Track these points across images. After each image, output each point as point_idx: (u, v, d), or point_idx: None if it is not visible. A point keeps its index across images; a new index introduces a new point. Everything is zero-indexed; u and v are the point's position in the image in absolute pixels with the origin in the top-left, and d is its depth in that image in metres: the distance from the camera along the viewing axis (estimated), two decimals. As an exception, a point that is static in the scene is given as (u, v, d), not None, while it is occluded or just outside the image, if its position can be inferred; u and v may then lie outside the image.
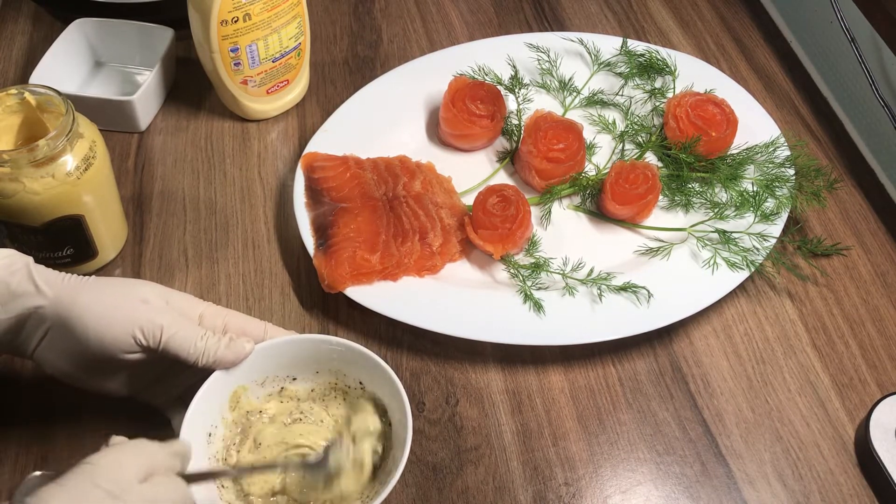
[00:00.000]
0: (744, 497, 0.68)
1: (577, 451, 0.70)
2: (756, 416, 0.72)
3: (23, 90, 0.71)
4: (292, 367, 0.67)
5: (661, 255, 0.80)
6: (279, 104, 0.93)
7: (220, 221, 0.84)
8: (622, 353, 0.76)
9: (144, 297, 0.62)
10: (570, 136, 0.85)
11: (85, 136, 0.71)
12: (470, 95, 0.87)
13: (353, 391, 0.67)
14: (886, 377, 0.75)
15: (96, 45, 0.95)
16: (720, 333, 0.77)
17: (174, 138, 0.91)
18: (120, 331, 0.60)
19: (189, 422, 0.61)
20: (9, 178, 0.68)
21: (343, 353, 0.66)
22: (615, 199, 0.81)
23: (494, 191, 0.80)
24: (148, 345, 0.60)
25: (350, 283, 0.76)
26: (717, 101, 0.87)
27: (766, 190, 0.82)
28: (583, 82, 0.94)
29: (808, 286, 0.81)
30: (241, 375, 0.65)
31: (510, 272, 0.79)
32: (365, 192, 0.82)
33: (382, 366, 0.64)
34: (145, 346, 0.60)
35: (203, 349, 0.61)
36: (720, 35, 1.05)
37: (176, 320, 0.61)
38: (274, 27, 0.86)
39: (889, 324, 0.78)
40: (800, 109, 0.96)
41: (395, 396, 0.63)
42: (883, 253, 0.84)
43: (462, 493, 0.67)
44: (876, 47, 0.92)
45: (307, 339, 0.66)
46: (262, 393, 0.67)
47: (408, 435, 0.61)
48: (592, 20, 1.06)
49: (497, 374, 0.74)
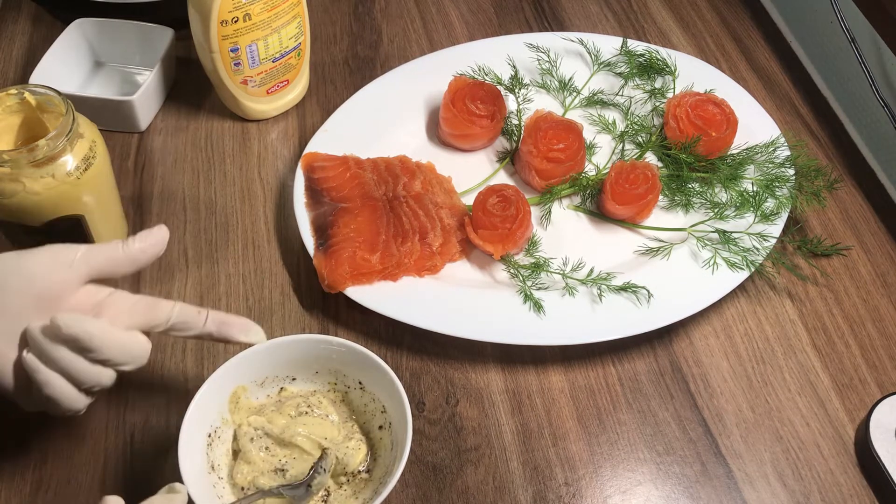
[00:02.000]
0: (744, 497, 0.68)
1: (577, 451, 0.70)
2: (756, 416, 0.72)
3: (23, 90, 0.70)
4: (292, 367, 0.67)
5: (661, 255, 0.80)
6: (279, 104, 0.93)
7: (220, 221, 0.84)
8: (622, 353, 0.76)
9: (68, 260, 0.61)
10: (570, 136, 0.85)
11: (85, 136, 0.71)
12: (470, 95, 0.87)
13: (352, 391, 0.67)
14: (886, 377, 0.75)
15: (96, 45, 0.95)
16: (720, 333, 0.77)
17: (174, 138, 0.91)
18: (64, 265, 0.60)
19: (188, 423, 0.61)
20: (9, 178, 0.67)
21: (343, 354, 0.66)
22: (615, 199, 0.81)
23: (494, 191, 0.80)
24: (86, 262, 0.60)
25: (350, 283, 0.76)
26: (717, 101, 0.87)
27: (766, 190, 0.82)
28: (583, 82, 0.94)
29: (808, 286, 0.81)
30: (240, 375, 0.65)
31: (510, 272, 0.79)
32: (365, 192, 0.82)
33: (382, 366, 0.64)
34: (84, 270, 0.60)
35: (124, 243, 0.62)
36: (720, 35, 1.05)
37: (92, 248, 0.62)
38: (274, 27, 0.86)
39: (889, 324, 0.78)
40: (800, 109, 0.96)
41: (395, 396, 0.63)
42: (883, 253, 0.84)
43: (462, 493, 0.67)
44: (876, 47, 0.92)
45: (307, 339, 0.66)
46: (262, 393, 0.67)
47: (408, 435, 0.61)
48: (592, 20, 1.06)
49: (497, 374, 0.74)
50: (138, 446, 0.69)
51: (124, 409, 0.71)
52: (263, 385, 0.67)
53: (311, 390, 0.68)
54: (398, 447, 0.62)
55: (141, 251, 0.63)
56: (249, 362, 0.65)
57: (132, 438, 0.69)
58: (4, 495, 0.66)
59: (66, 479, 0.67)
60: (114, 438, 0.69)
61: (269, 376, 0.67)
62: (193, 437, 0.62)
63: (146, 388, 0.72)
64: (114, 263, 0.62)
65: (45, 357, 0.57)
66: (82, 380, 0.58)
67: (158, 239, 0.64)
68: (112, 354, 0.59)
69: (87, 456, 0.68)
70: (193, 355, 0.74)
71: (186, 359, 0.74)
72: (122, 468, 0.68)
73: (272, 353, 0.66)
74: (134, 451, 0.69)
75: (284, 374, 0.67)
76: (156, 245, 0.64)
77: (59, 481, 0.67)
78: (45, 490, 0.66)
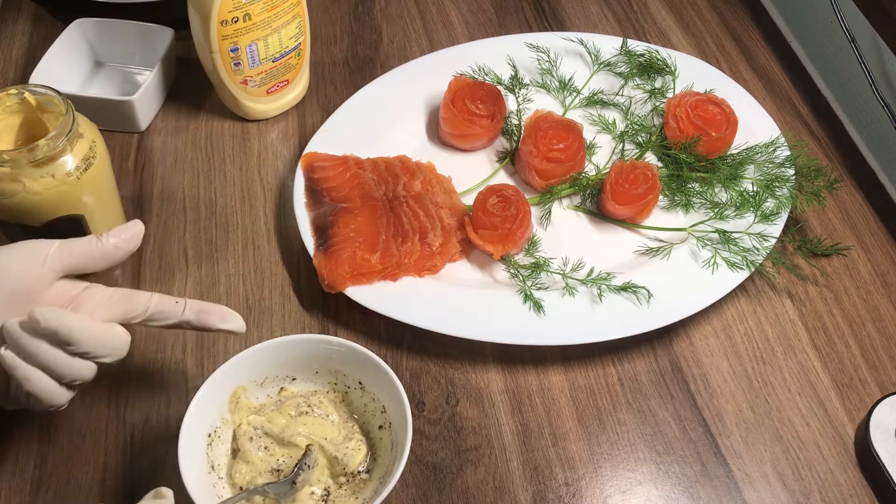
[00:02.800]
0: (744, 497, 0.68)
1: (577, 451, 0.70)
2: (756, 416, 0.72)
3: (23, 90, 0.71)
4: (292, 367, 0.67)
5: (661, 255, 0.80)
6: (279, 104, 0.93)
7: (220, 221, 0.84)
8: (622, 353, 0.76)
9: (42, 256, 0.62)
10: (570, 136, 0.85)
11: (85, 136, 0.71)
12: (470, 95, 0.87)
13: (352, 391, 0.67)
14: (886, 377, 0.75)
15: (96, 45, 0.95)
16: (720, 333, 0.77)
17: (174, 138, 0.91)
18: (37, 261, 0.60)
19: (188, 423, 0.61)
20: (9, 178, 0.67)
21: (343, 354, 0.66)
22: (615, 199, 0.81)
23: (494, 191, 0.80)
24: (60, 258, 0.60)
25: (350, 283, 0.76)
26: (717, 101, 0.87)
27: (766, 190, 0.82)
28: (583, 82, 0.94)
29: (808, 286, 0.81)
30: (240, 375, 0.65)
31: (510, 272, 0.79)
32: (365, 192, 0.82)
33: (382, 366, 0.64)
34: (57, 266, 0.60)
35: (101, 238, 0.62)
36: (720, 35, 1.05)
37: (68, 242, 0.62)
38: (274, 27, 0.86)
39: (889, 324, 0.78)
40: (800, 109, 0.96)
41: (395, 396, 0.63)
42: (883, 253, 0.84)
43: (462, 493, 0.67)
44: (876, 47, 0.92)
45: (307, 339, 0.66)
46: (262, 393, 0.67)
47: (408, 435, 0.61)
48: (592, 20, 1.06)
49: (497, 374, 0.74)
50: (138, 446, 0.69)
51: (124, 408, 0.71)
52: (263, 385, 0.67)
53: (311, 390, 0.68)
54: (398, 447, 0.62)
55: (115, 247, 0.63)
56: (249, 362, 0.65)
57: (132, 438, 0.69)
58: (4, 495, 0.66)
59: (66, 479, 0.67)
60: (114, 438, 0.69)
61: (270, 376, 0.67)
62: (193, 437, 0.62)
63: (146, 387, 0.72)
64: (88, 258, 0.62)
65: (24, 353, 0.57)
66: (63, 374, 0.59)
67: (133, 234, 0.64)
68: (91, 347, 0.59)
69: (87, 456, 0.68)
70: (193, 355, 0.74)
71: (186, 359, 0.74)
72: (122, 468, 0.68)
73: (272, 353, 0.66)
74: (134, 450, 0.69)
75: (284, 374, 0.67)
76: (130, 241, 0.64)
77: (59, 481, 0.67)
78: (45, 490, 0.66)
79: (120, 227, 0.63)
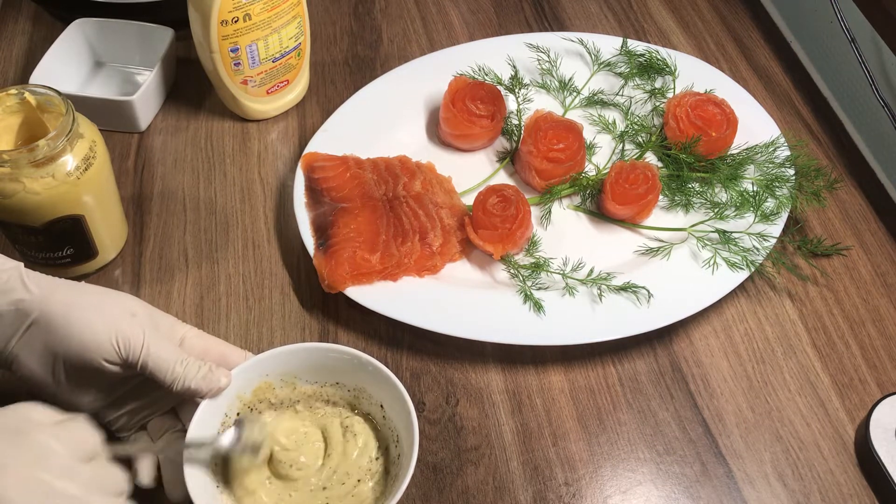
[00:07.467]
0: (744, 497, 0.68)
1: (577, 451, 0.70)
2: (756, 416, 0.72)
3: (23, 90, 0.71)
4: (292, 376, 0.67)
5: (661, 255, 0.80)
6: (279, 104, 0.93)
7: (220, 221, 0.84)
8: (622, 353, 0.76)
9: (133, 310, 0.61)
10: (570, 136, 0.85)
11: (85, 136, 0.71)
12: (470, 95, 0.87)
13: (354, 397, 0.67)
14: (886, 377, 0.75)
15: (96, 45, 0.95)
16: (720, 333, 0.77)
17: (174, 138, 0.91)
18: (102, 334, 0.59)
19: (201, 411, 0.61)
20: (9, 178, 0.68)
21: (345, 361, 0.65)
22: (615, 199, 0.81)
23: (494, 191, 0.80)
24: (127, 357, 0.59)
25: (350, 283, 0.76)
26: (717, 101, 0.87)
27: (766, 190, 0.82)
28: (583, 82, 0.94)
29: (808, 286, 0.81)
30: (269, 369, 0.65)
31: (510, 272, 0.79)
32: (365, 192, 0.82)
33: (385, 371, 0.63)
34: (124, 357, 0.59)
35: (181, 374, 0.60)
36: (720, 35, 1.05)
37: (158, 339, 0.60)
38: (274, 27, 0.86)
39: (889, 324, 0.78)
40: (800, 109, 0.96)
41: (398, 401, 0.63)
42: (883, 253, 0.84)
43: (462, 493, 0.67)
44: (876, 47, 0.92)
45: (306, 348, 0.66)
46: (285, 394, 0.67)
47: (414, 440, 0.60)
48: (592, 20, 1.06)
49: (497, 374, 0.74)
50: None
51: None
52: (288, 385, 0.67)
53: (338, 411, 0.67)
54: (405, 453, 0.61)
55: (187, 390, 0.61)
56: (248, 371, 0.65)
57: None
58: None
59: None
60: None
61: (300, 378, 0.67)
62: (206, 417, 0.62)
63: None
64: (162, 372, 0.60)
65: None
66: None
67: (213, 387, 0.62)
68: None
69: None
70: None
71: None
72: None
73: (270, 363, 0.65)
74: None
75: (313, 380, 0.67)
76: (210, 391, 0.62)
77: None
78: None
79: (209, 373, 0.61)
